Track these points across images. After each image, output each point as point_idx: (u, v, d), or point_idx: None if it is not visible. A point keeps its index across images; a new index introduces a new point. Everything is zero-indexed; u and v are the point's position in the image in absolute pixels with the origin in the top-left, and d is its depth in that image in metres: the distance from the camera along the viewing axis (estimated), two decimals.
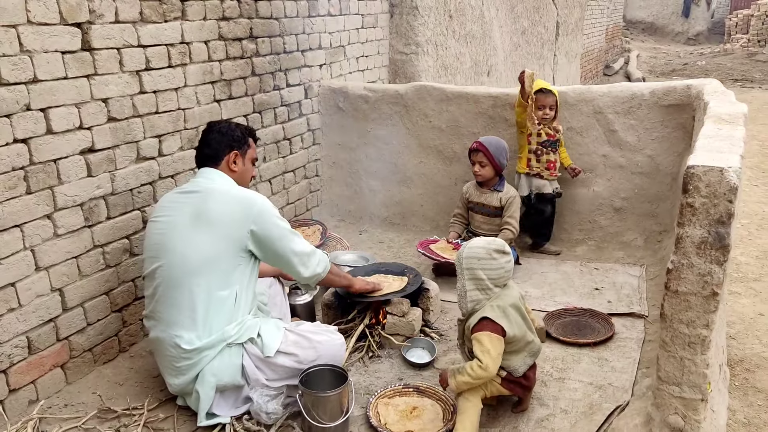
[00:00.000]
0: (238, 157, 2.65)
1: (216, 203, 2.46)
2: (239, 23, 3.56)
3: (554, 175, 3.91)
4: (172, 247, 2.44)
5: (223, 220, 2.43)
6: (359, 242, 4.34)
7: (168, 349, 2.45)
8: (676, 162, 3.77)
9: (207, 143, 2.64)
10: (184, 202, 2.50)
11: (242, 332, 2.48)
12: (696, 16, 23.82)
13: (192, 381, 2.45)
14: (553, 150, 3.88)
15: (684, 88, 3.64)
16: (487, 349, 2.28)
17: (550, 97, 3.79)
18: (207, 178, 2.57)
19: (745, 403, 2.89)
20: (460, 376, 2.32)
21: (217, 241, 2.42)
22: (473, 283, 2.37)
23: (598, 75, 14.86)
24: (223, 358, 2.44)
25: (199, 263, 2.41)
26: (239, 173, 2.66)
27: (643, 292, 3.44)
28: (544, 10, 9.46)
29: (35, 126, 2.43)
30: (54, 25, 2.47)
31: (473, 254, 2.37)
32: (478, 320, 2.32)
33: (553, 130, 3.86)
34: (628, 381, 2.65)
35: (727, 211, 1.70)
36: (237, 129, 2.69)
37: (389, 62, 5.52)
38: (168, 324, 2.44)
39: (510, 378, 2.39)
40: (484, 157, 3.67)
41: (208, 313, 2.42)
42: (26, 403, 2.51)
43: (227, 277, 2.45)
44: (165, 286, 2.46)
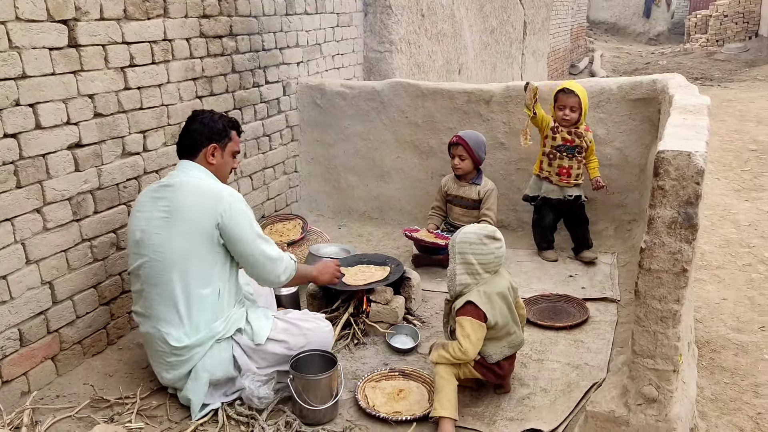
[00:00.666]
0: (217, 150, 2.64)
1: (186, 197, 2.47)
2: (219, 21, 3.61)
3: (565, 182, 3.74)
4: (150, 244, 2.46)
5: (192, 213, 2.44)
6: (339, 236, 4.41)
7: (158, 345, 2.49)
8: (643, 154, 3.93)
9: (188, 133, 2.64)
10: (160, 197, 2.50)
11: (230, 326, 2.52)
12: (657, 16, 24.42)
13: (184, 377, 2.49)
14: (570, 156, 3.69)
15: (650, 82, 3.81)
16: (467, 334, 2.38)
17: (572, 97, 3.60)
18: (183, 171, 2.58)
19: (712, 381, 3.06)
20: (442, 350, 2.44)
21: (189, 236, 2.43)
22: (463, 267, 2.46)
23: (564, 74, 15.17)
24: (213, 354, 2.48)
25: (176, 259, 2.43)
26: (217, 166, 2.65)
27: (615, 278, 3.60)
28: (512, 9, 9.65)
29: (24, 121, 2.46)
30: (41, 22, 2.50)
31: (465, 239, 2.47)
32: (463, 303, 2.42)
33: (574, 135, 3.67)
34: (603, 360, 2.79)
35: (695, 193, 1.83)
36: (219, 121, 2.68)
37: (364, 60, 5.60)
38: (156, 320, 2.48)
39: (483, 363, 2.49)
40: (464, 150, 3.77)
41: (191, 311, 2.44)
42: (18, 395, 2.53)
43: (207, 274, 2.47)
44: (148, 284, 2.49)
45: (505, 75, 9.65)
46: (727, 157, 7.13)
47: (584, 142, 3.68)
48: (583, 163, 3.74)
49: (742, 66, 15.16)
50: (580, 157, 3.72)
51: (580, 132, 3.67)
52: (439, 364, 2.44)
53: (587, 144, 3.70)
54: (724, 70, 14.78)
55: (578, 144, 3.69)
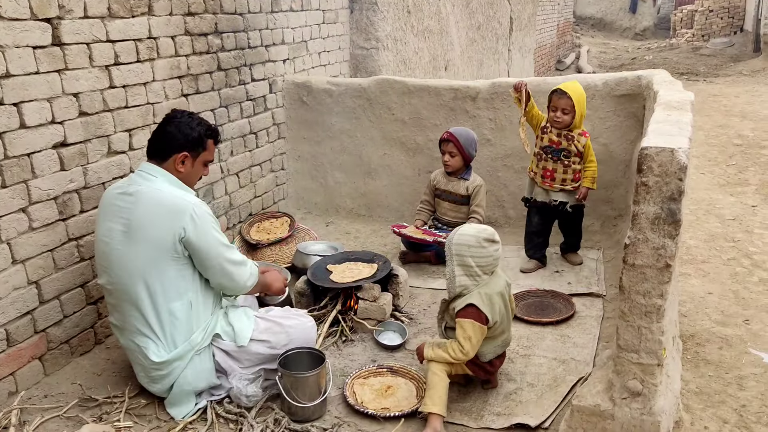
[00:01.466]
0: (188, 159, 2.51)
1: (144, 211, 2.36)
2: (204, 18, 3.59)
3: (548, 185, 3.62)
4: (114, 260, 2.39)
5: (151, 229, 2.35)
6: (326, 234, 4.42)
7: (138, 358, 2.46)
8: (628, 149, 3.97)
9: (161, 135, 2.50)
10: (120, 206, 2.40)
11: (207, 334, 2.49)
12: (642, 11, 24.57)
13: (168, 390, 2.48)
14: (554, 159, 3.55)
15: (635, 78, 3.84)
16: (468, 336, 2.40)
17: (563, 99, 3.44)
18: (145, 178, 2.45)
19: (697, 374, 3.09)
20: (439, 349, 2.45)
21: (150, 252, 2.35)
22: (462, 269, 2.47)
23: (550, 70, 15.23)
24: (194, 366, 2.46)
25: (140, 275, 2.36)
26: (185, 174, 2.53)
27: (601, 273, 3.63)
28: (498, 5, 9.68)
29: (9, 120, 2.45)
30: (25, 20, 2.48)
31: (463, 241, 2.46)
32: (464, 305, 2.43)
33: (563, 138, 3.52)
34: (589, 355, 2.82)
35: (678, 189, 1.85)
36: (197, 128, 2.53)
37: (350, 57, 5.60)
38: (132, 333, 2.44)
39: (476, 361, 2.51)
40: (455, 147, 3.76)
41: (164, 326, 2.40)
42: (6, 395, 2.53)
43: (175, 288, 2.40)
44: (118, 298, 2.44)
45: (492, 71, 9.68)
46: (712, 152, 7.19)
47: (574, 146, 3.50)
48: (572, 168, 3.55)
49: (727, 61, 15.30)
50: (567, 161, 3.54)
51: (571, 135, 3.51)
52: (433, 362, 2.46)
53: (578, 149, 3.51)
54: (710, 65, 14.90)
55: (565, 147, 3.52)
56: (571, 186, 3.60)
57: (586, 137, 3.54)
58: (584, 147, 3.53)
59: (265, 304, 3.13)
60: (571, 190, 3.61)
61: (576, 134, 3.52)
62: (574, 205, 3.63)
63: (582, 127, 3.55)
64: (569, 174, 3.58)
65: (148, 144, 2.55)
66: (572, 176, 3.58)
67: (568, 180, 3.59)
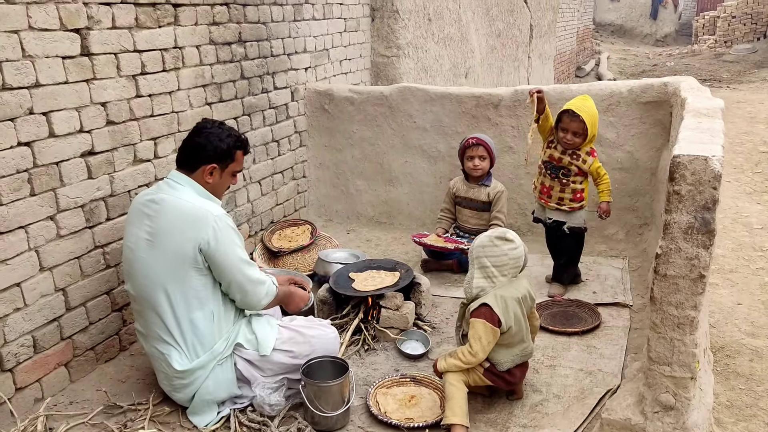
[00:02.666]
0: (216, 170, 2.52)
1: (168, 220, 2.38)
2: (229, 28, 3.62)
3: (544, 201, 3.47)
4: (138, 267, 2.41)
5: (173, 238, 2.36)
6: (347, 241, 4.41)
7: (162, 366, 2.47)
8: (654, 157, 3.92)
9: (191, 145, 2.52)
10: (146, 213, 2.42)
11: (230, 344, 2.49)
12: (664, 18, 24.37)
13: (190, 399, 2.48)
14: (552, 176, 3.39)
15: (661, 85, 3.79)
16: (479, 336, 2.38)
17: (575, 122, 3.22)
18: (172, 186, 2.47)
19: (728, 387, 3.03)
20: (450, 358, 2.44)
21: (171, 261, 2.36)
22: (480, 271, 2.46)
23: (570, 77, 15.15)
24: (216, 376, 2.46)
25: (162, 283, 2.37)
26: (213, 185, 2.54)
27: (627, 282, 3.58)
28: (518, 13, 9.65)
29: (38, 129, 2.48)
30: (54, 31, 2.51)
31: (479, 242, 2.48)
32: (478, 305, 2.42)
33: (567, 155, 3.32)
34: (616, 366, 2.77)
35: (712, 198, 1.82)
36: (226, 140, 2.53)
37: (371, 65, 5.60)
38: (156, 340, 2.46)
39: (493, 370, 2.48)
40: (485, 150, 3.73)
41: (185, 335, 2.41)
42: (32, 402, 2.54)
43: (197, 298, 2.40)
44: (142, 306, 2.46)
45: (512, 78, 9.65)
46: (737, 159, 7.09)
47: (576, 165, 3.31)
48: (571, 187, 3.36)
49: (750, 67, 15.10)
50: (566, 180, 3.35)
51: (578, 154, 3.31)
52: (448, 372, 2.44)
53: (580, 169, 3.32)
54: (733, 72, 14.71)
55: (565, 166, 3.34)
56: (569, 206, 3.39)
57: (594, 157, 3.33)
58: (590, 167, 3.32)
59: (288, 313, 3.13)
60: (567, 211, 3.40)
61: (583, 153, 3.32)
62: (573, 227, 3.43)
63: (591, 146, 3.34)
64: (567, 193, 3.38)
65: (178, 153, 2.57)
66: (570, 196, 3.37)
67: (565, 200, 3.39)
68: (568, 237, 3.45)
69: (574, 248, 3.53)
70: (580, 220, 3.44)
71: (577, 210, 3.41)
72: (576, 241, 3.50)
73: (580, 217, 3.43)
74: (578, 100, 3.29)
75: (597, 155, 3.38)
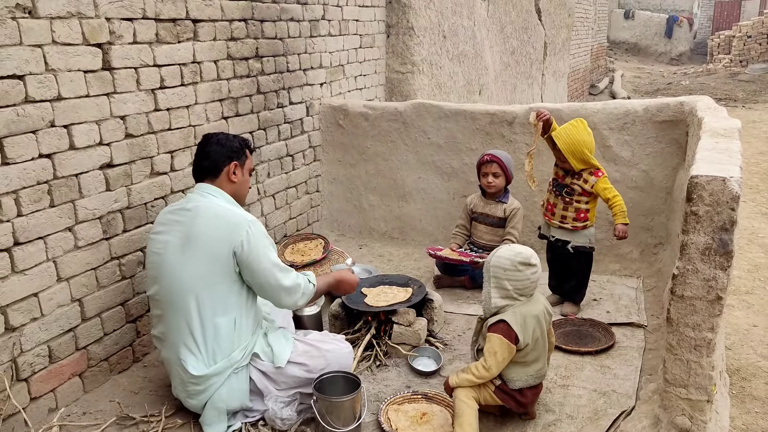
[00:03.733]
0: (238, 167, 2.62)
1: (203, 223, 2.43)
2: (246, 43, 3.66)
3: (548, 218, 3.47)
4: (167, 270, 2.44)
5: (209, 241, 2.40)
6: (360, 256, 4.41)
7: (177, 371, 2.48)
8: (670, 176, 3.90)
9: (205, 155, 2.59)
10: (177, 220, 2.48)
11: (247, 354, 2.50)
12: (678, 36, 24.35)
13: (203, 406, 2.49)
14: (556, 193, 3.39)
15: (677, 104, 3.78)
16: (494, 351, 2.37)
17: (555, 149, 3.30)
18: (202, 194, 2.54)
19: (743, 411, 2.99)
20: (463, 373, 2.44)
21: (205, 263, 2.40)
22: (498, 291, 2.44)
23: (584, 94, 15.15)
24: (231, 385, 2.46)
25: (192, 286, 2.40)
26: (239, 184, 2.64)
27: (641, 302, 3.55)
28: (533, 30, 9.69)
29: (59, 142, 2.51)
30: (77, 45, 2.55)
31: (500, 264, 2.43)
32: (496, 321, 2.41)
33: (570, 175, 3.32)
34: (631, 387, 2.74)
35: (730, 219, 1.81)
36: (235, 140, 2.66)
37: (386, 81, 5.64)
38: (174, 346, 2.47)
39: (504, 388, 2.46)
40: (499, 167, 3.73)
41: (207, 339, 2.43)
42: (46, 411, 2.55)
43: (223, 302, 2.43)
44: (165, 309, 2.48)
45: (526, 96, 9.67)
46: (753, 179, 7.04)
47: (578, 186, 3.30)
48: (574, 206, 3.33)
49: (766, 87, 15.03)
50: (569, 198, 3.33)
51: (579, 174, 3.30)
52: (459, 388, 2.43)
53: (582, 188, 3.29)
54: (749, 91, 14.65)
55: (568, 184, 3.33)
56: (571, 225, 3.36)
57: (598, 177, 3.27)
58: (593, 187, 3.27)
59: (300, 323, 3.14)
60: (570, 229, 3.37)
61: (585, 174, 3.29)
62: (577, 246, 3.39)
63: (592, 167, 3.28)
64: (570, 212, 3.35)
65: (195, 168, 2.63)
66: (573, 215, 3.34)
67: (568, 218, 3.36)
68: (575, 256, 3.41)
69: (583, 268, 3.48)
70: (584, 239, 3.38)
71: (580, 229, 3.36)
72: (584, 261, 3.45)
73: (584, 237, 3.38)
74: (565, 127, 3.26)
75: (603, 175, 3.30)
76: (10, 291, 2.37)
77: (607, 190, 3.28)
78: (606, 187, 3.28)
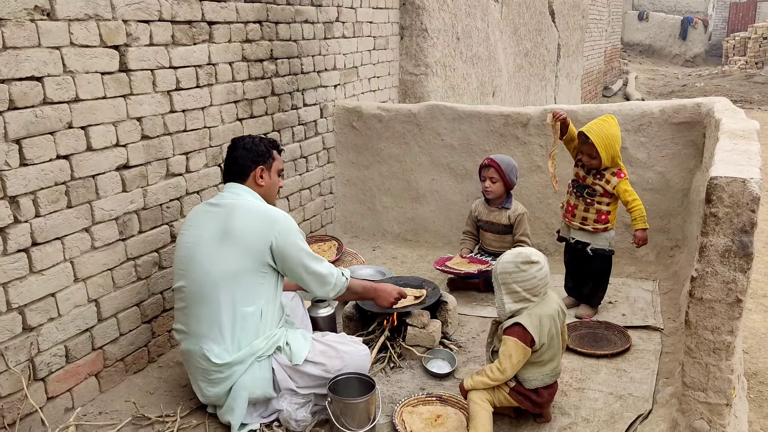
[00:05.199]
0: (264, 171, 2.70)
1: (240, 219, 2.51)
2: (261, 45, 3.67)
3: (568, 220, 3.39)
4: (198, 262, 2.50)
5: (245, 235, 2.48)
6: (373, 258, 4.41)
7: (199, 362, 2.51)
8: (686, 178, 3.87)
9: (233, 160, 2.69)
10: (210, 216, 2.56)
11: (270, 344, 2.54)
12: (693, 38, 24.16)
13: (225, 394, 2.50)
14: (577, 195, 3.33)
15: (694, 105, 3.75)
16: (509, 354, 2.36)
17: (586, 144, 3.20)
18: (233, 193, 2.63)
19: (761, 415, 2.96)
20: (477, 376, 2.43)
21: (241, 256, 2.47)
22: (510, 296, 2.43)
23: (597, 96, 15.06)
24: (253, 373, 2.49)
25: (224, 278, 2.46)
26: (267, 187, 2.72)
27: (657, 305, 3.52)
28: (546, 32, 9.65)
29: (76, 143, 2.53)
30: (94, 47, 2.57)
31: (505, 269, 2.43)
32: (511, 324, 2.40)
33: (592, 176, 3.26)
34: (647, 391, 2.72)
35: (750, 221, 1.79)
36: (261, 143, 2.73)
37: (399, 83, 5.64)
38: (197, 337, 2.51)
39: (519, 389, 2.45)
40: (496, 173, 3.70)
41: (234, 328, 2.47)
42: (63, 411, 2.57)
43: (252, 293, 2.50)
44: (192, 301, 2.52)
45: (539, 98, 9.63)
46: None
47: (600, 186, 3.24)
48: (595, 207, 3.27)
49: None
50: (591, 200, 3.27)
51: (602, 174, 3.24)
52: (474, 390, 2.42)
53: (605, 190, 3.24)
54: (764, 93, 14.51)
55: (589, 185, 3.27)
56: (592, 227, 3.30)
57: (620, 178, 3.22)
58: (615, 189, 3.22)
59: (314, 324, 3.14)
60: (591, 231, 3.31)
61: (608, 174, 3.23)
62: (596, 249, 3.33)
63: (617, 167, 3.24)
64: (591, 213, 3.29)
65: (225, 172, 2.72)
66: (594, 216, 3.28)
67: (589, 220, 3.30)
68: (594, 259, 3.36)
69: (601, 271, 3.43)
70: (605, 242, 3.33)
71: (601, 231, 3.31)
72: (603, 264, 3.42)
73: (605, 239, 3.33)
74: (596, 122, 3.23)
75: (625, 177, 3.26)
76: (28, 291, 2.39)
77: (627, 192, 3.23)
78: (627, 190, 3.23)
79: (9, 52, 2.25)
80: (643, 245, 3.27)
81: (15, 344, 2.36)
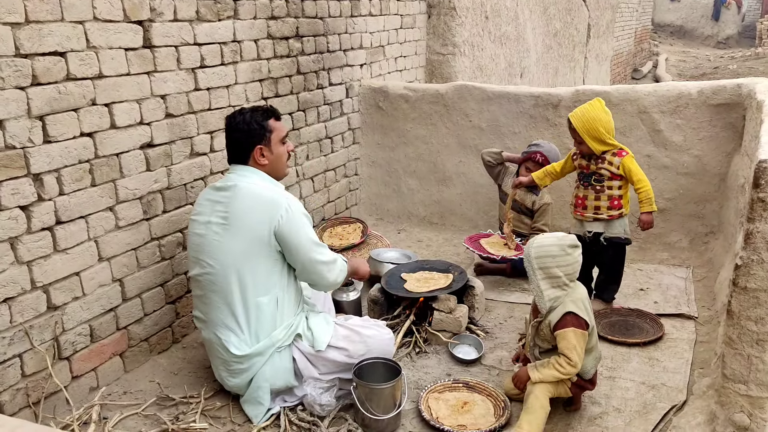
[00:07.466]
0: (264, 149, 2.54)
1: (242, 203, 2.43)
2: (286, 22, 3.60)
3: (580, 214, 3.22)
4: (208, 251, 2.44)
5: (249, 220, 2.41)
6: (398, 241, 4.36)
7: (219, 352, 2.48)
8: (724, 162, 3.73)
9: (231, 143, 2.55)
10: (216, 201, 2.48)
11: (290, 333, 2.49)
12: (726, 19, 23.49)
13: (246, 385, 2.48)
14: (585, 185, 3.18)
15: (734, 87, 3.61)
16: (573, 345, 2.29)
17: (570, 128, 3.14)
18: (239, 174, 2.52)
19: None
20: (546, 369, 2.34)
21: (246, 242, 2.40)
22: (548, 282, 2.35)
23: (626, 78, 14.73)
24: (274, 364, 2.46)
25: (234, 266, 2.40)
26: (271, 164, 2.56)
27: (691, 293, 3.41)
28: (576, 12, 9.42)
29: (100, 120, 2.50)
30: (118, 23, 2.53)
31: (547, 252, 2.35)
32: (561, 316, 2.32)
33: (593, 161, 3.14)
34: (681, 381, 2.63)
35: None
36: (252, 121, 2.52)
37: (426, 63, 5.53)
38: (216, 326, 2.47)
39: (579, 382, 2.41)
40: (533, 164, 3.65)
41: (249, 318, 2.43)
42: (87, 390, 2.57)
43: (265, 282, 2.44)
44: (208, 290, 2.48)
45: (568, 79, 9.42)
46: None
47: (605, 169, 3.10)
48: (606, 193, 3.13)
49: None
50: (600, 186, 3.13)
51: (601, 158, 3.10)
52: (540, 384, 2.34)
53: (610, 172, 3.09)
54: None
55: (594, 171, 3.13)
56: (607, 215, 3.13)
57: (622, 156, 3.07)
58: (620, 168, 3.07)
59: (340, 307, 3.10)
60: (606, 219, 3.14)
61: (609, 155, 3.09)
62: (610, 237, 3.17)
63: (615, 147, 3.09)
64: (603, 201, 3.13)
65: (228, 152, 2.59)
66: (607, 203, 3.13)
67: (602, 207, 3.14)
68: (606, 248, 3.18)
69: (615, 261, 3.25)
70: (619, 229, 3.16)
71: (615, 218, 3.14)
72: (616, 254, 3.22)
73: (619, 227, 3.16)
74: (581, 106, 3.12)
75: (629, 154, 3.09)
76: (53, 270, 2.37)
77: (633, 172, 3.07)
78: (632, 169, 3.07)
79: (32, 26, 2.21)
80: (648, 229, 3.13)
81: (39, 323, 2.36)
